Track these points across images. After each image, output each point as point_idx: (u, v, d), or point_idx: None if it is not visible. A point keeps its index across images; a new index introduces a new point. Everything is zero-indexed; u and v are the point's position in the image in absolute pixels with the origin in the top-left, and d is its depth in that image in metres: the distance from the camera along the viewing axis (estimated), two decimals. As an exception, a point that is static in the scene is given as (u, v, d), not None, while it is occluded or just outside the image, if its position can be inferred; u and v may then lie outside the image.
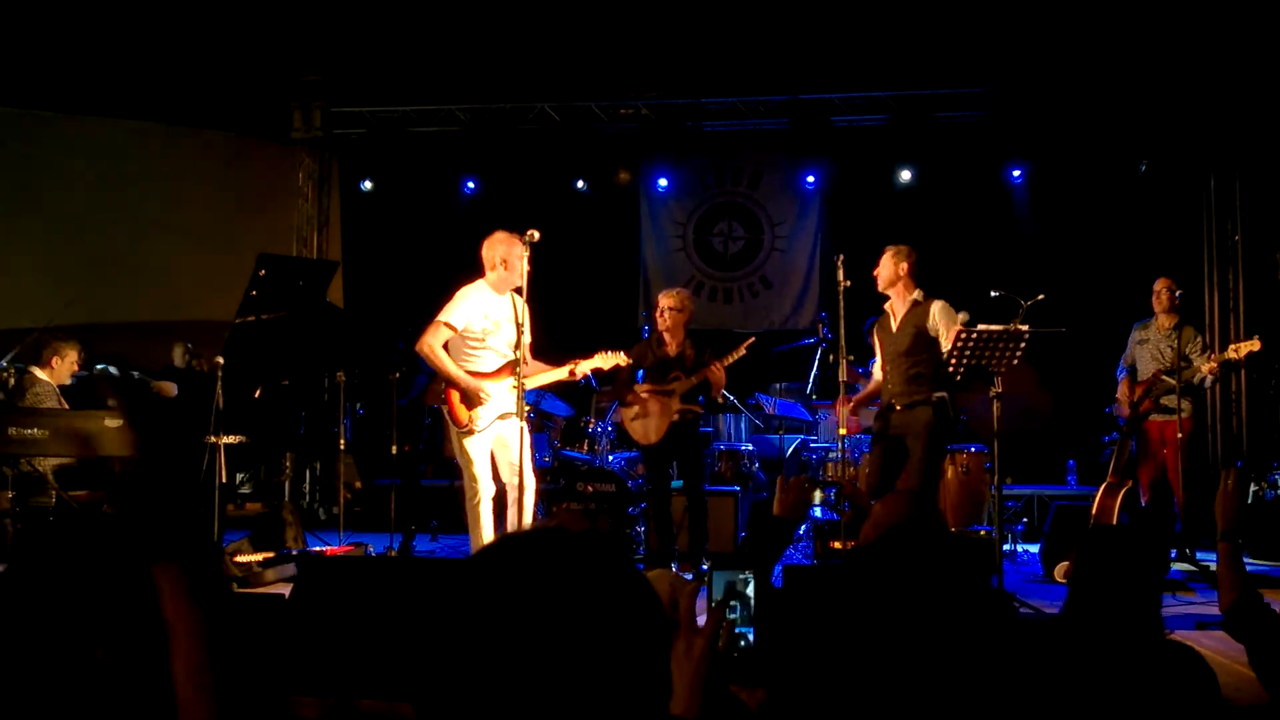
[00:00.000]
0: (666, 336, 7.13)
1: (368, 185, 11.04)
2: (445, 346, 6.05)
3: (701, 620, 1.60)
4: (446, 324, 5.99)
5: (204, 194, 10.49)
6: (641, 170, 11.07)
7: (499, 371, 6.04)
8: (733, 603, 1.95)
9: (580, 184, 10.97)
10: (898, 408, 6.31)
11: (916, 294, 6.38)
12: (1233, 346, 6.99)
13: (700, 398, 7.18)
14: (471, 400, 5.99)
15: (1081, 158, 10.16)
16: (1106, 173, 10.13)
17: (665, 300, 7.16)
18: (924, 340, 6.27)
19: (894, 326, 6.41)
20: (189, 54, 9.55)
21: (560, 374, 6.28)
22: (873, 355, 6.79)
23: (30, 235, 9.97)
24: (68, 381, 7.38)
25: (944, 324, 6.21)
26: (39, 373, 7.21)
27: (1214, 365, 7.11)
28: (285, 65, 10.28)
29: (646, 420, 7.09)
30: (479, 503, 5.98)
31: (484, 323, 6.04)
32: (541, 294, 6.30)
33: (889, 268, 6.40)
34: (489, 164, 11.00)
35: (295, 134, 10.88)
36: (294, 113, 10.84)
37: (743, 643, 1.94)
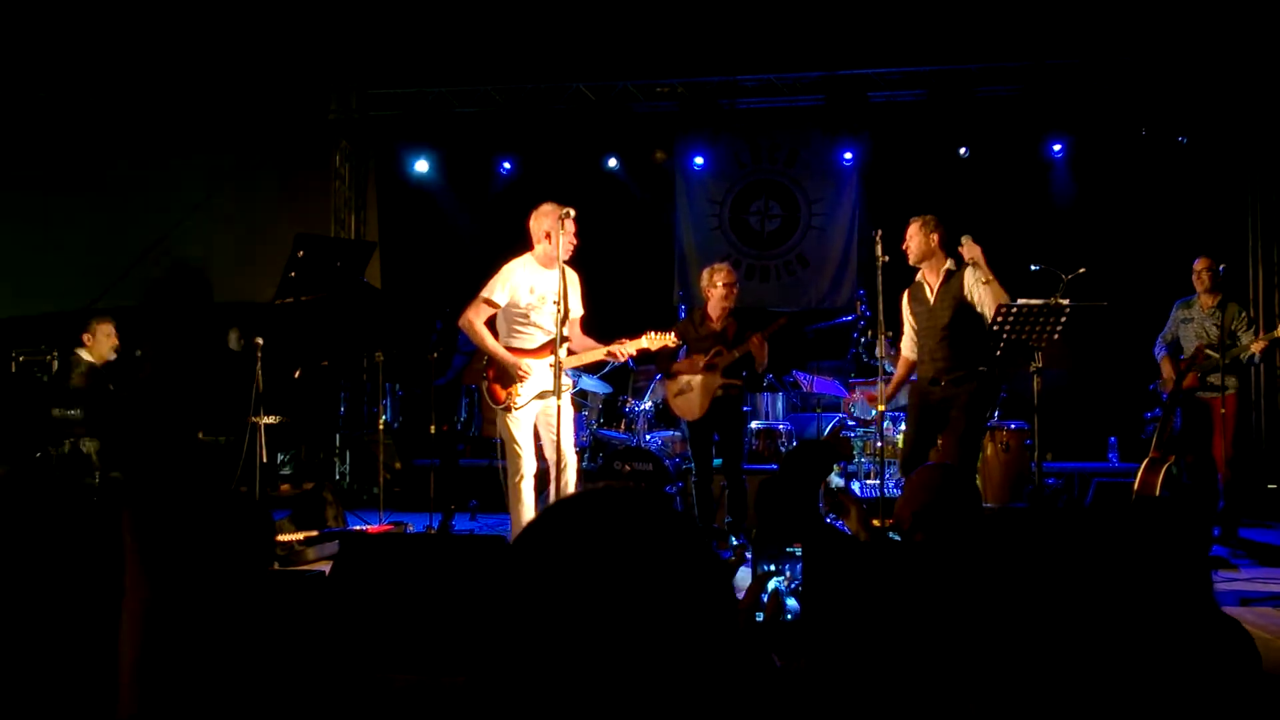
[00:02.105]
0: (712, 313, 7.12)
1: (423, 166, 11.05)
2: (491, 323, 6.03)
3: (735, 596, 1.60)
4: (488, 300, 5.95)
5: (242, 176, 10.55)
6: (677, 149, 11.03)
7: (542, 349, 5.98)
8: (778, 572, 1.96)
9: (616, 163, 10.96)
10: (942, 381, 6.23)
11: (949, 264, 6.31)
12: (1283, 325, 6.89)
13: (743, 373, 7.17)
14: (508, 377, 5.95)
15: (1122, 131, 10.01)
16: (1148, 146, 9.98)
17: (720, 276, 7.12)
18: (965, 312, 6.17)
19: (931, 299, 6.33)
20: (227, 35, 9.60)
21: (600, 353, 6.18)
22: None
23: (73, 219, 10.06)
24: (111, 357, 7.46)
25: (980, 288, 6.15)
26: (83, 354, 7.31)
27: (1263, 343, 7.00)
28: (321, 47, 10.31)
29: (690, 395, 7.09)
30: (520, 480, 5.90)
31: (529, 297, 5.97)
32: (578, 272, 6.28)
33: (920, 240, 6.32)
34: (525, 144, 11.00)
35: (331, 116, 10.93)
36: (330, 95, 10.89)
37: (789, 613, 1.94)
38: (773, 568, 1.96)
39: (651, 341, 6.20)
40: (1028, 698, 2.16)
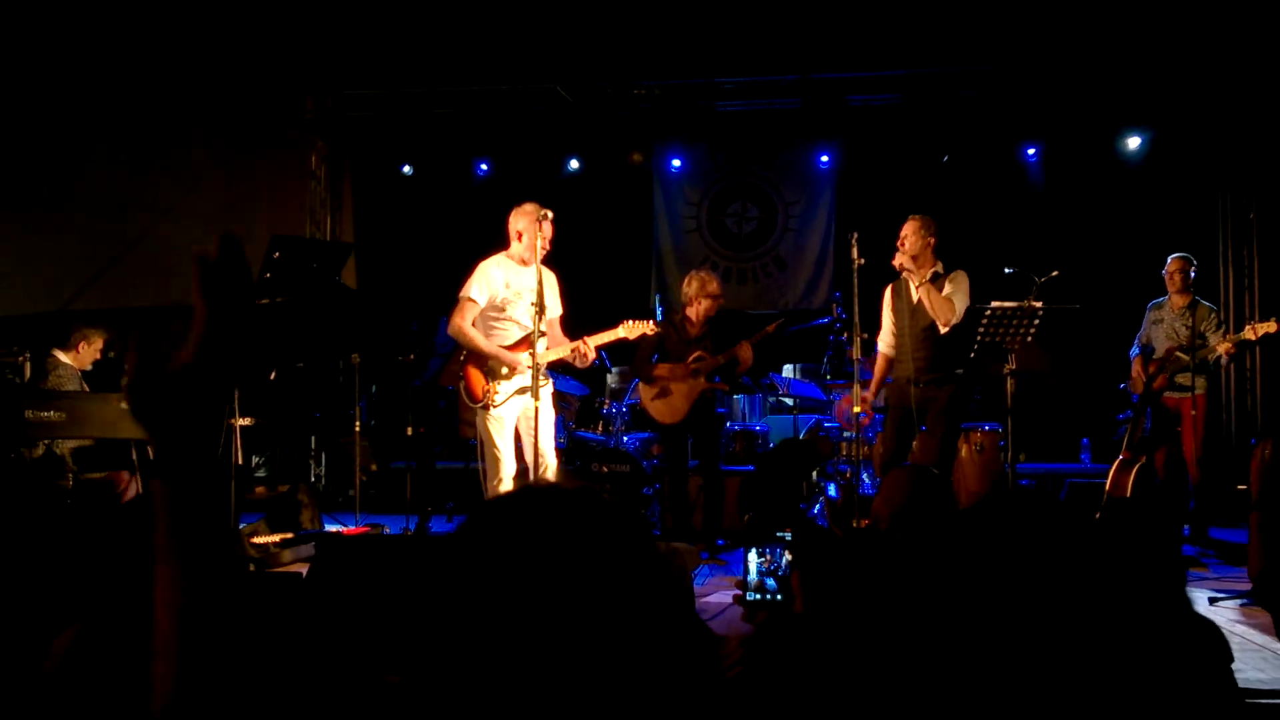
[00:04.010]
0: (692, 317, 7.10)
1: (399, 167, 11.09)
2: (473, 322, 5.96)
3: (719, 597, 1.61)
4: (469, 299, 5.89)
5: (218, 177, 10.50)
6: (654, 151, 11.05)
7: (518, 344, 5.89)
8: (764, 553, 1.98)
9: (593, 165, 10.97)
10: (921, 382, 6.26)
11: (937, 266, 6.34)
12: (1250, 326, 6.93)
13: (716, 378, 7.16)
14: (494, 373, 5.89)
15: (1095, 135, 10.10)
16: (1120, 149, 10.08)
17: (709, 286, 7.08)
18: None
19: (914, 299, 6.36)
20: (203, 35, 9.55)
21: (569, 348, 5.92)
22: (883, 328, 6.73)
23: (48, 220, 9.99)
24: (89, 366, 7.42)
25: (957, 293, 6.18)
26: (62, 356, 7.25)
27: (1230, 345, 7.06)
28: (298, 48, 10.26)
29: (669, 400, 7.07)
30: (500, 483, 5.84)
31: (505, 292, 5.90)
32: (555, 273, 6.26)
33: (917, 239, 6.30)
34: (501, 146, 11.00)
35: (308, 116, 10.89)
36: (306, 95, 10.84)
37: (778, 595, 1.97)
38: (763, 554, 1.98)
39: (629, 330, 6.04)
40: (1002, 697, 2.18)
